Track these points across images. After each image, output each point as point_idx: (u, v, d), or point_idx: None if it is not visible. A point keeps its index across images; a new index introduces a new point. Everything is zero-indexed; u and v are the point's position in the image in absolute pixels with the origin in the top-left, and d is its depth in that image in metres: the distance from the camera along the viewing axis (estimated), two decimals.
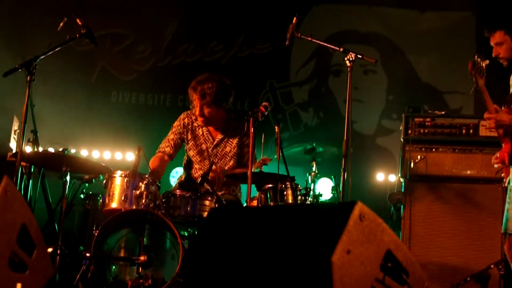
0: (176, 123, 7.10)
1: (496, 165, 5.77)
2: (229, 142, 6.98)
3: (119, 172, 6.30)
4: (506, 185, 5.68)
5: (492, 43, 5.72)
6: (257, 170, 6.41)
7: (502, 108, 5.53)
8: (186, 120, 7.10)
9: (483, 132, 7.12)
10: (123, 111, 10.00)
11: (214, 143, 6.98)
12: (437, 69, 10.11)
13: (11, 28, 9.59)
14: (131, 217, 6.11)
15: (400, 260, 3.58)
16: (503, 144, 5.60)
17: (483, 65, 5.50)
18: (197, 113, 6.79)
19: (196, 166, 6.99)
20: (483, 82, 5.48)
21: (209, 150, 6.97)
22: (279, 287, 3.60)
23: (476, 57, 5.54)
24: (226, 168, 6.87)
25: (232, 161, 6.94)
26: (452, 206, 7.07)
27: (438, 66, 10.10)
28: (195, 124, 7.04)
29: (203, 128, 7.03)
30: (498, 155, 5.65)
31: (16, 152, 6.36)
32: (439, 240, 7.03)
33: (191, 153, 7.00)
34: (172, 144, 7.05)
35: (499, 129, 5.56)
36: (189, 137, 7.05)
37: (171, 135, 7.06)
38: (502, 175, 5.78)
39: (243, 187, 6.79)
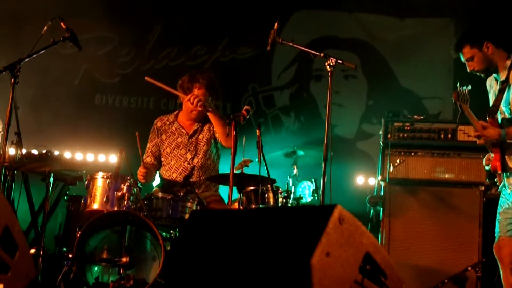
0: (151, 130, 7.20)
1: (487, 168, 5.78)
2: (202, 132, 7.02)
3: (100, 174, 6.29)
4: (499, 189, 5.69)
5: (464, 61, 5.73)
6: (238, 171, 6.41)
7: (487, 119, 5.54)
8: (158, 124, 7.19)
9: (461, 137, 7.16)
10: (106, 114, 9.98)
11: (189, 134, 7.02)
12: (416, 74, 10.14)
13: None
14: (113, 218, 6.09)
15: (379, 262, 3.58)
16: (492, 154, 5.60)
17: (466, 91, 5.51)
18: (195, 102, 6.82)
19: (172, 162, 6.99)
20: (467, 107, 5.46)
21: (185, 141, 6.99)
22: None
23: (459, 87, 5.55)
24: (200, 157, 6.92)
25: (205, 146, 6.97)
26: (430, 209, 7.10)
27: (417, 72, 10.13)
28: (167, 123, 7.11)
29: (175, 124, 7.10)
30: (490, 163, 5.65)
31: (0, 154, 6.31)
32: (418, 243, 7.05)
33: (168, 150, 7.00)
34: (151, 154, 7.11)
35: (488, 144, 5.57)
36: (164, 137, 7.10)
37: (149, 144, 7.14)
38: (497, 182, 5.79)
39: (224, 189, 6.78)
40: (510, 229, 5.53)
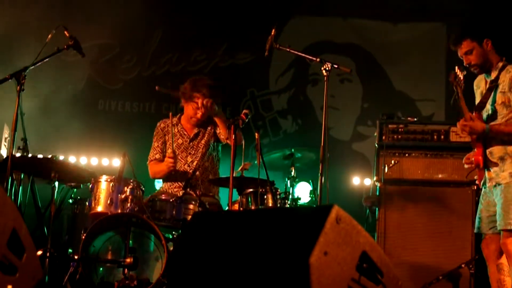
0: (155, 132, 7.22)
1: (466, 166, 5.80)
2: (203, 136, 7.04)
3: (104, 177, 6.30)
4: (481, 186, 5.72)
5: (460, 54, 5.74)
6: (238, 174, 6.42)
7: (473, 113, 5.58)
8: (162, 125, 7.23)
9: (453, 138, 7.16)
10: (109, 119, 9.98)
11: (190, 137, 7.04)
12: (409, 77, 10.16)
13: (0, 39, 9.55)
14: (117, 220, 6.09)
15: (375, 260, 3.59)
16: (475, 149, 5.64)
17: (462, 76, 5.55)
18: (200, 106, 6.87)
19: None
20: (461, 91, 5.53)
21: (186, 143, 7.01)
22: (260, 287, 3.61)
23: (456, 68, 5.59)
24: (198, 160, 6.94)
25: (205, 149, 7.01)
26: (424, 208, 7.10)
27: (410, 75, 10.14)
28: (170, 125, 7.10)
29: (179, 126, 7.13)
30: (472, 158, 5.68)
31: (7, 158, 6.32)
32: (412, 241, 7.05)
33: (169, 151, 7.01)
34: (160, 150, 7.12)
35: (472, 136, 5.61)
36: (166, 138, 7.13)
37: (155, 143, 7.14)
38: (475, 177, 5.80)
39: (225, 191, 6.79)
40: (493, 226, 5.56)
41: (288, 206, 6.76)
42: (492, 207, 5.56)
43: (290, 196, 7.13)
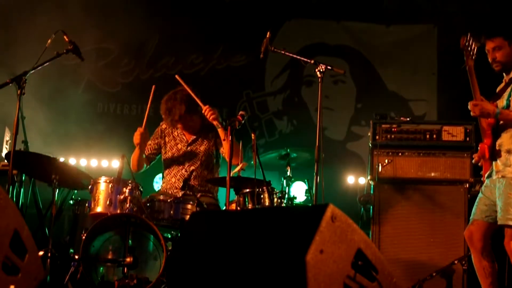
0: (155, 131, 7.21)
1: (474, 160, 5.78)
2: (202, 142, 7.00)
3: (103, 178, 6.29)
4: (485, 179, 5.67)
5: (488, 48, 5.65)
6: (236, 174, 6.41)
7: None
8: (163, 126, 7.21)
9: (445, 137, 7.16)
10: (108, 121, 9.97)
11: (189, 142, 7.01)
12: (402, 78, 10.18)
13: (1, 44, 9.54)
14: (116, 220, 6.08)
15: (370, 258, 3.59)
16: (484, 139, 5.59)
17: (475, 46, 5.50)
18: (209, 114, 6.72)
19: (172, 167, 7.01)
20: (472, 63, 5.46)
21: (184, 148, 6.99)
22: (257, 286, 3.60)
23: (469, 34, 5.52)
24: (195, 167, 6.94)
25: (203, 157, 6.98)
26: (417, 206, 7.10)
27: (403, 76, 10.17)
28: (171, 127, 7.11)
29: (178, 131, 7.10)
30: (479, 147, 5.64)
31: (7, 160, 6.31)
32: (406, 238, 7.05)
33: (169, 154, 7.00)
34: (149, 147, 7.11)
35: (483, 119, 5.55)
36: (166, 140, 7.12)
37: (150, 141, 7.12)
38: (481, 173, 5.76)
39: (222, 191, 6.78)
40: (489, 215, 5.53)
41: (284, 205, 6.75)
42: (493, 197, 5.52)
43: (286, 196, 7.12)
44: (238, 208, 6.30)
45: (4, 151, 7.57)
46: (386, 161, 7.20)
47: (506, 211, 5.34)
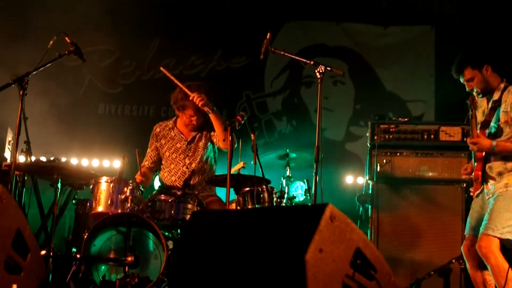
0: (151, 136, 7.17)
1: (464, 177, 5.88)
2: (201, 138, 6.98)
3: (104, 178, 6.30)
4: (474, 197, 5.73)
5: (463, 81, 5.75)
6: (235, 172, 6.42)
7: (479, 130, 5.60)
8: (157, 129, 7.16)
9: (443, 137, 7.17)
10: (110, 122, 9.97)
11: (188, 141, 6.99)
12: (400, 79, 10.18)
13: (3, 45, 9.52)
14: (118, 220, 6.09)
15: (369, 257, 3.58)
16: (476, 163, 5.65)
17: (477, 99, 5.71)
18: (198, 101, 6.61)
19: (171, 166, 6.98)
20: (475, 113, 5.63)
21: (184, 146, 6.98)
22: (257, 285, 3.60)
23: (474, 93, 5.71)
24: (197, 162, 6.92)
25: (203, 151, 6.96)
26: (416, 206, 7.12)
27: (401, 76, 10.17)
28: (166, 128, 7.10)
29: (175, 130, 7.07)
30: (469, 170, 5.80)
31: (11, 161, 6.31)
32: (404, 238, 7.07)
33: (167, 154, 7.00)
34: (149, 157, 7.10)
35: (479, 152, 5.63)
36: (163, 142, 7.07)
37: (148, 150, 7.12)
38: (471, 189, 5.82)
39: (222, 191, 6.78)
40: (479, 228, 5.55)
41: (284, 205, 6.75)
42: (483, 211, 5.56)
43: (286, 195, 7.12)
44: (238, 208, 6.30)
45: (7, 152, 7.56)
46: (384, 161, 7.21)
47: (490, 221, 5.38)
